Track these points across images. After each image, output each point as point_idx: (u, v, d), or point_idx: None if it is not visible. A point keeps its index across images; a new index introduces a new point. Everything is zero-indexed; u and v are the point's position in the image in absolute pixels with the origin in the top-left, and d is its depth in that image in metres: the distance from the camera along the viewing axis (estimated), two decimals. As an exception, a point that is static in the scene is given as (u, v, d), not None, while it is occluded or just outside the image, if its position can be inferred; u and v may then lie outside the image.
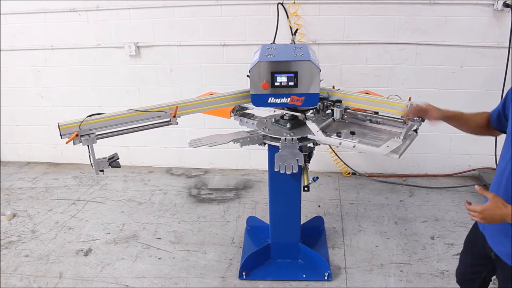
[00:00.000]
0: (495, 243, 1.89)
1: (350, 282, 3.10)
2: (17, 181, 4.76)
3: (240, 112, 3.09)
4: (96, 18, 4.38)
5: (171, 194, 4.38)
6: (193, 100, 2.71)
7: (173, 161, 4.94)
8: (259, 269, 3.20)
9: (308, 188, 2.74)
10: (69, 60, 4.61)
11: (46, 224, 3.91)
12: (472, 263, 2.16)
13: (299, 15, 4.06)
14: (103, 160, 2.53)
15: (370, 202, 4.12)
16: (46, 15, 4.44)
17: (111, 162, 2.56)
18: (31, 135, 5.07)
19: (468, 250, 2.20)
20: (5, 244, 3.63)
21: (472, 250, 2.14)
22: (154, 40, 4.39)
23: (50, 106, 4.85)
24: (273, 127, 2.88)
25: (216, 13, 4.19)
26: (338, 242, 3.53)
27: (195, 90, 3.99)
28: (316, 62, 2.60)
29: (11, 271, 3.31)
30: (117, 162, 2.57)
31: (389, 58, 4.14)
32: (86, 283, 3.17)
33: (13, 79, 4.81)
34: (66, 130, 2.41)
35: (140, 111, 2.53)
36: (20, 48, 4.63)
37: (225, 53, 4.33)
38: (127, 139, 2.74)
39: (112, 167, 2.57)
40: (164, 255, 3.45)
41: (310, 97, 2.61)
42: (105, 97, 4.66)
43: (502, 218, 1.64)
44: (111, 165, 2.55)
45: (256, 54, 2.77)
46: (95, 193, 4.46)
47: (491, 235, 1.91)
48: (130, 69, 4.54)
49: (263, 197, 4.21)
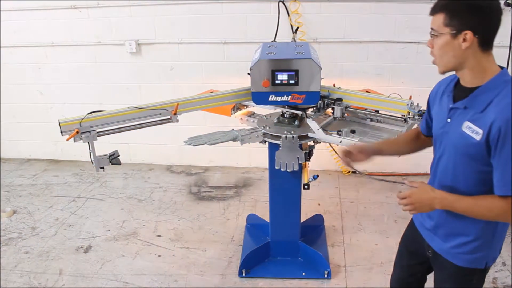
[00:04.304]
0: (433, 240, 1.88)
1: (349, 280, 3.11)
2: (17, 178, 4.76)
3: (240, 110, 3.10)
4: (97, 15, 4.38)
5: (171, 192, 4.38)
6: (194, 97, 2.72)
7: (173, 158, 4.94)
8: (259, 267, 3.21)
9: (308, 186, 2.74)
10: (69, 57, 4.60)
11: (46, 221, 3.91)
12: (409, 263, 2.15)
13: (300, 13, 4.06)
14: (104, 157, 2.53)
15: (370, 200, 4.12)
16: (47, 12, 4.43)
17: (112, 159, 2.56)
18: (31, 132, 5.07)
19: (403, 250, 2.18)
20: (5, 240, 3.63)
21: (408, 249, 2.13)
22: (155, 38, 4.38)
23: (51, 103, 4.85)
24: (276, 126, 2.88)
25: (217, 11, 4.19)
26: (338, 241, 3.53)
27: (196, 88, 3.99)
28: (317, 60, 2.60)
29: (11, 267, 3.31)
30: (117, 159, 2.57)
31: (390, 56, 4.14)
32: (86, 280, 3.17)
33: (14, 76, 4.80)
34: (67, 127, 2.41)
35: (141, 109, 2.53)
36: (20, 45, 4.62)
37: (225, 51, 4.33)
38: (128, 136, 2.74)
39: (112, 164, 2.57)
40: (164, 253, 3.45)
41: (311, 95, 2.61)
42: (106, 95, 4.65)
43: (431, 203, 1.64)
44: (111, 162, 2.55)
45: (257, 52, 2.78)
46: (95, 190, 4.46)
47: (428, 233, 1.90)
48: (130, 66, 4.54)
49: (263, 195, 4.21)
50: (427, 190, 1.66)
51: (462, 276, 1.83)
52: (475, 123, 1.56)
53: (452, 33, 1.53)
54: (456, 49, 1.55)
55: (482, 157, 1.57)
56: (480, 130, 1.54)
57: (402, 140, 2.14)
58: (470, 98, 1.60)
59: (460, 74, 1.64)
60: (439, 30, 1.57)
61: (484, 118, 1.54)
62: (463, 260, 1.79)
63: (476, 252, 1.76)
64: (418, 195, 1.66)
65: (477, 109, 1.56)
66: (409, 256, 2.14)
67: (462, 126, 1.60)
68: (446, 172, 1.73)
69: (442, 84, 1.81)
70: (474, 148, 1.57)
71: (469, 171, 1.64)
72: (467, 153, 1.61)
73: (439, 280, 1.95)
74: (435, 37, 1.59)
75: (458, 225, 1.73)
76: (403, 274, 2.21)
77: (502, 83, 1.56)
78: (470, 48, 1.54)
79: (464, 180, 1.67)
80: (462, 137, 1.60)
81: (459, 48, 1.54)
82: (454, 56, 1.57)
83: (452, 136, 1.66)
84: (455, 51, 1.56)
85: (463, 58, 1.57)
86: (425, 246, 1.94)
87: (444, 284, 1.92)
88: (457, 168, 1.67)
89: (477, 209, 1.61)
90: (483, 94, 1.57)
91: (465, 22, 1.51)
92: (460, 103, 1.63)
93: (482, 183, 1.63)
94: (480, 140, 1.54)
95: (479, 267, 1.79)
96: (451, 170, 1.70)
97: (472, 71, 1.59)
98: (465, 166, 1.64)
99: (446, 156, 1.72)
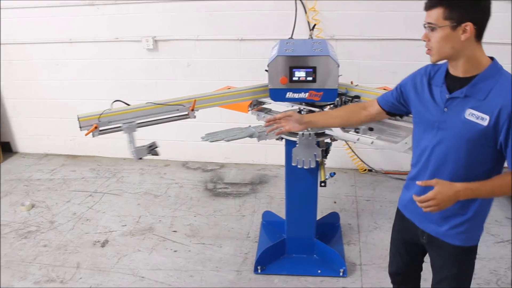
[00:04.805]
0: (428, 226, 1.94)
1: (365, 279, 3.10)
2: (36, 173, 4.83)
3: (257, 106, 3.09)
4: (114, 12, 4.42)
5: (187, 188, 4.40)
6: (212, 94, 2.72)
7: (190, 155, 4.97)
8: (274, 264, 3.21)
9: (325, 184, 2.74)
10: (87, 53, 4.65)
11: (64, 215, 3.97)
12: (406, 250, 2.18)
13: (317, 10, 4.04)
14: (142, 148, 2.58)
15: (386, 199, 4.09)
16: (65, 9, 4.48)
17: (150, 150, 2.63)
18: (49, 127, 5.13)
19: (398, 240, 2.21)
20: (25, 233, 3.69)
21: (404, 238, 2.16)
22: (172, 34, 4.40)
23: (68, 98, 4.90)
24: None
25: (233, 8, 4.19)
26: (353, 239, 3.52)
27: (212, 84, 3.99)
28: (334, 57, 2.59)
29: (31, 260, 3.37)
30: (155, 150, 2.63)
31: (406, 54, 4.10)
32: (103, 274, 3.21)
33: (33, 72, 4.87)
34: (86, 122, 2.43)
35: (159, 104, 2.55)
36: (39, 41, 4.68)
37: (242, 48, 4.33)
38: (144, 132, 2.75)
39: (151, 155, 2.64)
40: (179, 248, 3.47)
41: (328, 92, 2.59)
42: (123, 91, 4.68)
43: (455, 197, 1.68)
44: (150, 153, 2.62)
45: (275, 49, 2.77)
46: (111, 185, 4.50)
47: (422, 219, 1.96)
48: (147, 63, 4.57)
49: (279, 192, 4.21)
50: (449, 186, 1.68)
51: (461, 255, 1.91)
52: (479, 110, 1.64)
53: (452, 25, 1.61)
54: (455, 40, 1.63)
55: (486, 140, 1.65)
56: (486, 116, 1.62)
57: (336, 113, 2.34)
58: (470, 86, 1.67)
59: (454, 64, 1.71)
60: (438, 23, 1.63)
61: (487, 104, 1.62)
62: (461, 240, 1.87)
63: (472, 230, 1.86)
64: (443, 193, 1.67)
65: (479, 97, 1.64)
66: (403, 243, 2.18)
67: (465, 114, 1.67)
68: (445, 159, 1.78)
69: (420, 75, 1.89)
70: (480, 133, 1.64)
71: (471, 155, 1.71)
72: (471, 139, 1.68)
73: (438, 263, 2.00)
74: (433, 30, 1.66)
75: (453, 207, 1.76)
76: (400, 260, 2.24)
77: (497, 72, 1.66)
78: (469, 39, 1.62)
79: (465, 164, 1.73)
80: (467, 124, 1.67)
81: (459, 39, 1.62)
82: (453, 47, 1.64)
83: (452, 124, 1.72)
84: (455, 43, 1.63)
85: (460, 49, 1.64)
86: (419, 232, 2.00)
87: (444, 266, 1.97)
88: (458, 153, 1.73)
89: (499, 190, 1.69)
90: (482, 82, 1.65)
91: (465, 14, 1.59)
92: (459, 92, 1.69)
93: (483, 164, 1.72)
94: (488, 125, 1.62)
95: (475, 243, 1.90)
96: (452, 157, 1.75)
97: (468, 61, 1.67)
98: (467, 151, 1.71)
99: (445, 144, 1.77)
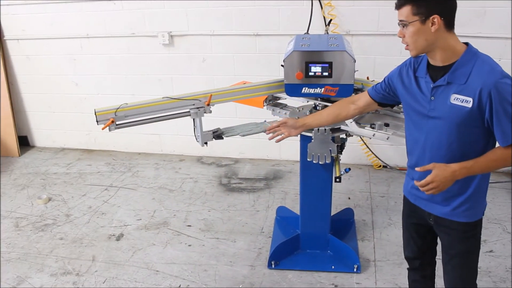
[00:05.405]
0: (433, 208, 2.01)
1: (379, 275, 3.08)
2: (52, 167, 4.89)
3: (272, 102, 3.09)
4: (131, 7, 4.44)
5: (201, 183, 4.42)
6: (227, 88, 2.73)
7: (204, 150, 4.92)
8: (288, 259, 3.21)
9: (340, 179, 2.73)
10: (103, 48, 4.69)
11: (79, 208, 4.01)
12: (417, 233, 2.22)
13: (333, 5, 4.02)
14: (208, 133, 2.70)
15: (400, 195, 3.98)
16: (82, 4, 4.52)
17: (215, 135, 2.74)
18: (66, 122, 5.19)
19: (409, 225, 2.25)
20: (41, 226, 3.74)
21: (413, 222, 2.21)
22: (187, 30, 4.42)
23: (85, 93, 4.94)
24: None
25: (249, 3, 4.19)
26: (367, 235, 3.51)
27: (227, 80, 4.00)
28: (351, 52, 2.58)
29: (47, 252, 3.41)
30: (220, 135, 2.76)
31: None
32: (117, 267, 3.24)
33: (50, 67, 4.93)
34: (102, 117, 2.46)
35: (175, 99, 2.56)
36: (56, 36, 4.73)
37: (257, 43, 4.33)
38: (159, 127, 2.78)
39: (215, 140, 2.78)
40: (194, 242, 3.49)
41: (344, 88, 2.59)
42: (138, 86, 4.72)
43: (453, 177, 1.77)
44: (214, 138, 2.74)
45: (291, 44, 2.76)
46: (127, 179, 4.54)
47: (427, 202, 2.03)
48: (163, 58, 4.59)
49: (293, 188, 4.21)
50: (445, 168, 1.77)
51: (469, 231, 1.98)
52: (463, 94, 1.75)
53: (421, 20, 1.75)
54: (427, 33, 1.76)
55: (474, 121, 1.76)
56: (469, 98, 1.73)
57: (326, 112, 2.40)
58: (450, 73, 1.78)
59: (432, 55, 1.84)
60: (408, 19, 1.79)
61: (469, 87, 1.73)
62: (466, 216, 1.95)
63: (475, 206, 1.95)
64: (440, 176, 1.76)
65: (460, 82, 1.76)
66: (414, 227, 2.22)
67: (450, 99, 1.78)
68: (440, 145, 1.87)
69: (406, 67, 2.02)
70: (467, 114, 1.75)
71: (463, 137, 1.81)
72: (460, 122, 1.78)
73: (448, 242, 2.05)
74: (405, 26, 1.82)
75: (454, 188, 1.84)
76: (414, 244, 2.27)
77: (474, 56, 1.78)
78: (439, 30, 1.75)
79: (458, 146, 1.83)
80: (453, 108, 1.78)
81: (429, 31, 1.76)
82: (426, 39, 1.78)
83: (441, 111, 1.82)
84: (427, 35, 1.77)
85: (434, 40, 1.77)
86: (425, 215, 2.07)
87: (452, 244, 2.03)
88: (450, 137, 1.83)
89: (493, 164, 1.79)
90: (461, 68, 1.77)
91: (431, 8, 1.73)
92: (442, 79, 1.81)
93: (475, 143, 1.82)
94: (472, 107, 1.73)
95: (480, 217, 1.99)
96: (446, 141, 1.84)
97: (443, 50, 1.80)
98: (458, 133, 1.81)
99: (437, 130, 1.86)
